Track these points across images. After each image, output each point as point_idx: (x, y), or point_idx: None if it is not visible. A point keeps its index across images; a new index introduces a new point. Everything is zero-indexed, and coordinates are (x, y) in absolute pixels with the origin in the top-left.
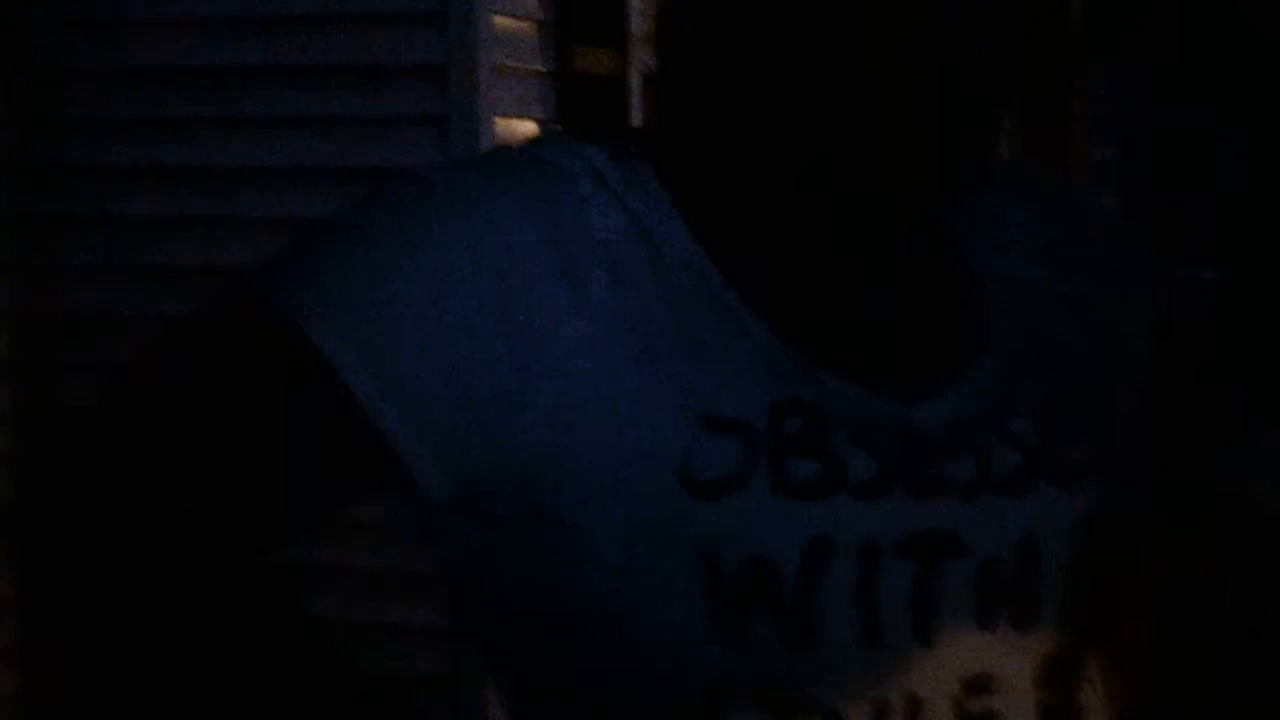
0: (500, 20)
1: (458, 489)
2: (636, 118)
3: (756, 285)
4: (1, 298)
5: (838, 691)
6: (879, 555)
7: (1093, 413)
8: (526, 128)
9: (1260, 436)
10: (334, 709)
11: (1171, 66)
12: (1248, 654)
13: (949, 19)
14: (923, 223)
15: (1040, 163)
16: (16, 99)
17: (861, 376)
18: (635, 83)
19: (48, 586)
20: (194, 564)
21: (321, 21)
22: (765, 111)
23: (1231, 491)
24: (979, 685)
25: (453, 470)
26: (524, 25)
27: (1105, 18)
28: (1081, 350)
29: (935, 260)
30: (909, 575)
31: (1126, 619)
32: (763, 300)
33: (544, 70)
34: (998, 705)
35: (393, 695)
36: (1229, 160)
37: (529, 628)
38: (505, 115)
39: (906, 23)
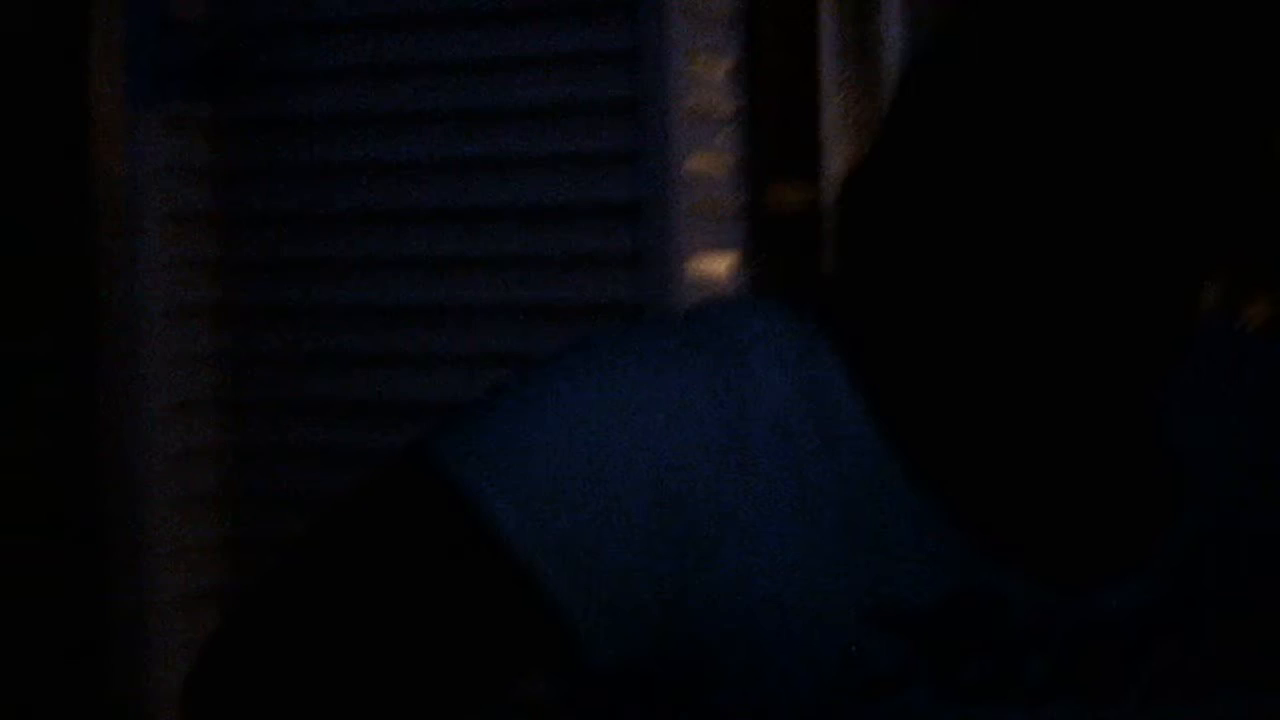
0: (694, 159)
1: (619, 663)
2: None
3: (931, 465)
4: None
5: None
6: None
7: None
8: (719, 266)
9: None
10: None
11: None
12: None
13: (1180, 193)
14: (1128, 402)
15: (1242, 307)
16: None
17: (1041, 563)
18: (830, 220)
19: None
20: None
21: (516, 162)
22: (970, 282)
23: None
24: None
25: (616, 644)
26: (717, 163)
27: None
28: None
29: (1128, 435)
30: None
31: None
32: (937, 481)
33: (737, 208)
34: None
35: None
36: None
37: None
38: (697, 253)
39: (1143, 202)
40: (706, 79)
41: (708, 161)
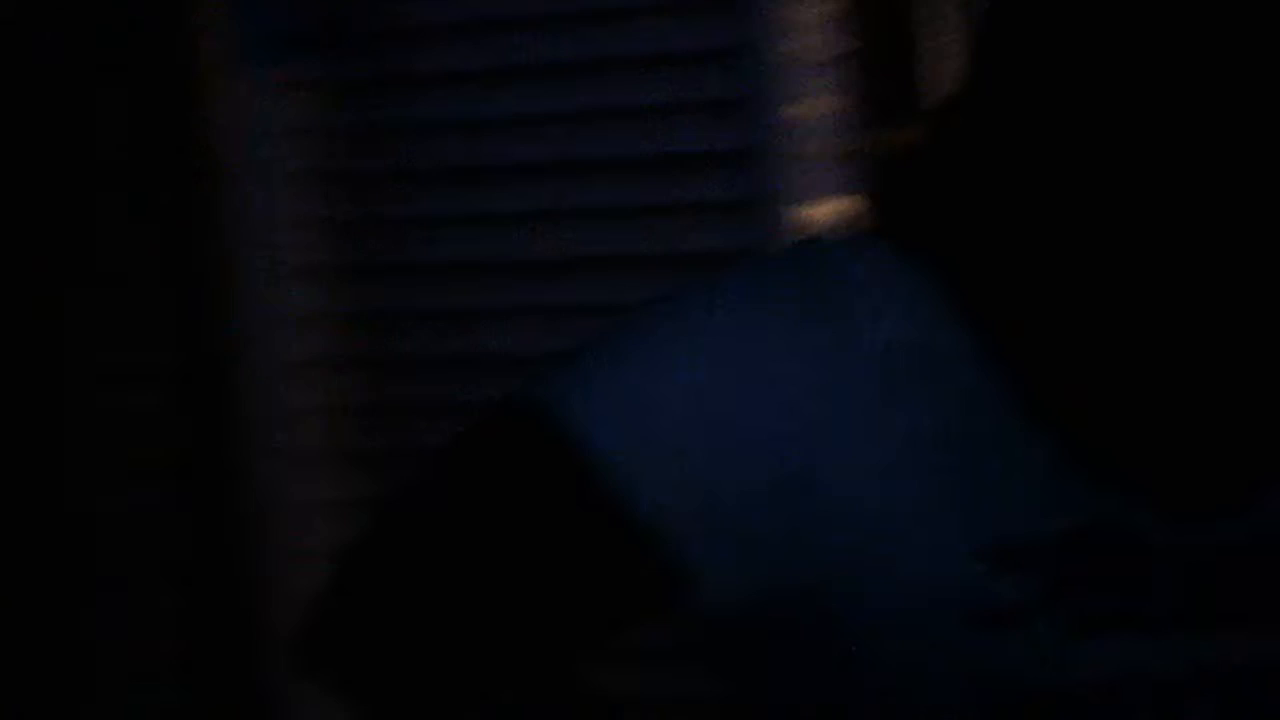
0: (798, 108)
1: (737, 606)
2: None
3: (1049, 401)
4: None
5: None
6: (1178, 697)
7: None
8: (824, 212)
9: None
10: None
11: None
12: None
13: None
14: (1260, 327)
15: None
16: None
17: (1165, 493)
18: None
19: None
20: (476, 698)
21: (624, 114)
22: (1095, 208)
23: None
24: None
25: (736, 584)
26: (821, 109)
27: None
28: None
29: (1258, 362)
30: (1210, 718)
31: None
32: (1054, 418)
33: (842, 153)
34: None
35: None
36: None
37: None
38: (802, 200)
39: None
40: (809, 23)
41: (812, 106)
